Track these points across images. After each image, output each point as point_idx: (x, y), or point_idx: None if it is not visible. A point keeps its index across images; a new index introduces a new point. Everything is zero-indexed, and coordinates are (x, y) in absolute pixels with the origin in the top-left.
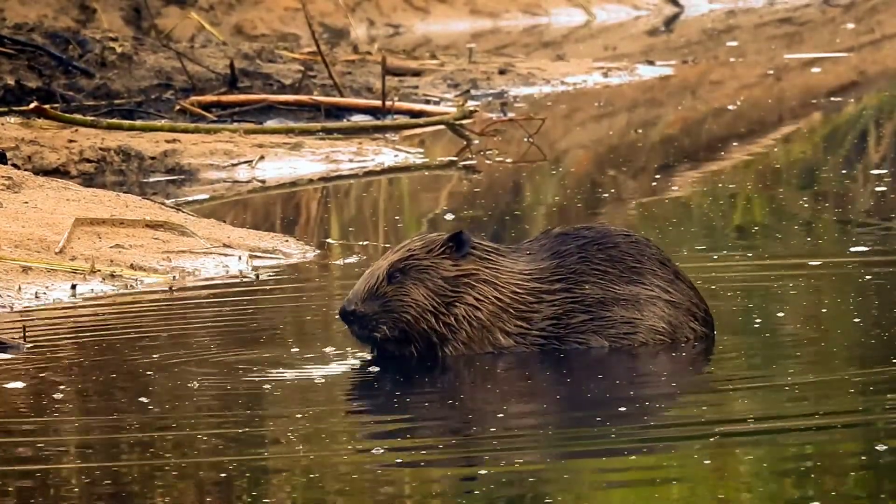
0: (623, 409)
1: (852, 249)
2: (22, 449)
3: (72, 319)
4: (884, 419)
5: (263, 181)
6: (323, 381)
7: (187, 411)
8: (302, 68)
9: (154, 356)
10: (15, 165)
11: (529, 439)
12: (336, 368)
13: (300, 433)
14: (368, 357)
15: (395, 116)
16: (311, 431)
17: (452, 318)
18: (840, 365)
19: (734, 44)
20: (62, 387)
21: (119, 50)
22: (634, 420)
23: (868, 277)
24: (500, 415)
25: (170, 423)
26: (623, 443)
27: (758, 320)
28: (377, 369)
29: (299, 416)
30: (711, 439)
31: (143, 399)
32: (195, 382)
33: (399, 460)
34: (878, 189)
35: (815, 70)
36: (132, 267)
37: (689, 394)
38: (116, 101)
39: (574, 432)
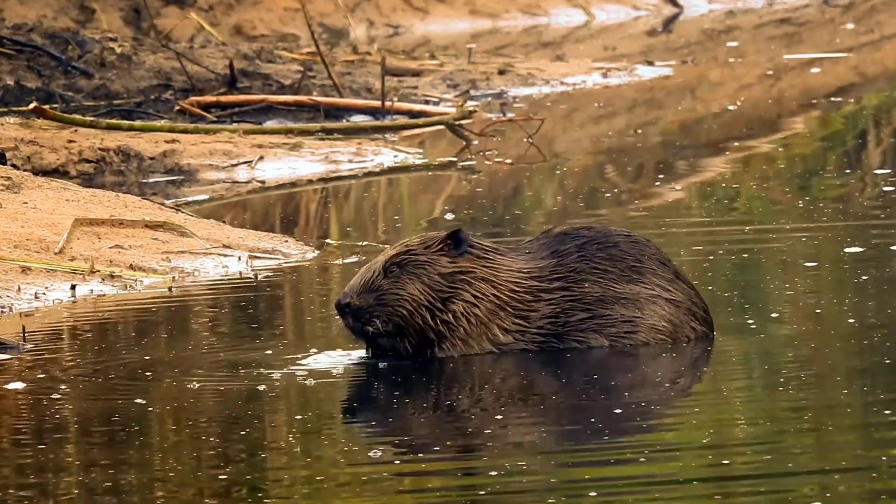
0: (619, 410)
1: (847, 250)
2: (21, 449)
3: (71, 319)
4: (882, 423)
5: (263, 181)
6: (321, 382)
7: (186, 412)
8: (301, 69)
9: (153, 357)
10: (14, 166)
11: (528, 445)
12: (335, 369)
13: (299, 434)
14: (367, 357)
15: (395, 117)
16: (310, 433)
17: (450, 315)
18: (836, 367)
19: (734, 44)
20: (62, 387)
21: (118, 50)
22: (633, 431)
23: (864, 278)
24: (499, 416)
25: (169, 423)
26: (622, 452)
27: (753, 322)
28: (376, 370)
29: (298, 416)
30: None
31: (141, 400)
32: (194, 383)
33: (397, 462)
34: (877, 189)
35: (815, 70)
36: (131, 267)
37: (689, 399)
38: (116, 102)
39: (572, 442)
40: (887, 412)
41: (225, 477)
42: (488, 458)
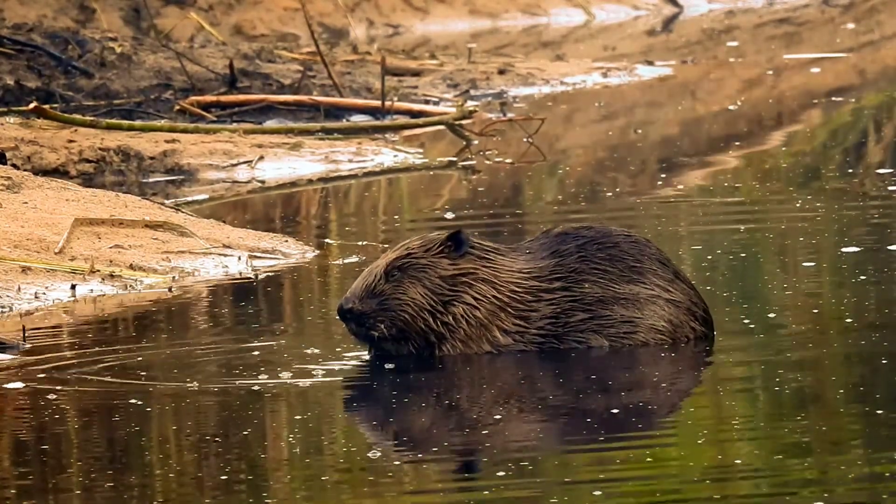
0: (615, 411)
1: (845, 249)
2: (20, 450)
3: (71, 319)
4: (882, 428)
5: (263, 181)
6: (321, 382)
7: (186, 412)
8: (301, 68)
9: (153, 357)
10: (14, 165)
11: (527, 444)
12: (334, 369)
13: (298, 435)
14: (367, 357)
15: (395, 116)
16: (310, 433)
17: (450, 317)
18: (834, 369)
19: (734, 44)
20: (61, 387)
21: (118, 50)
22: (632, 433)
23: (863, 277)
24: (498, 416)
25: (168, 423)
26: (621, 452)
27: (752, 322)
28: (375, 370)
29: (298, 417)
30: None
31: (140, 400)
32: (194, 383)
33: (397, 463)
34: (877, 189)
35: (815, 70)
36: (131, 267)
37: (689, 400)
38: (116, 102)
39: (572, 439)
40: (880, 412)
41: (225, 478)
42: (488, 460)
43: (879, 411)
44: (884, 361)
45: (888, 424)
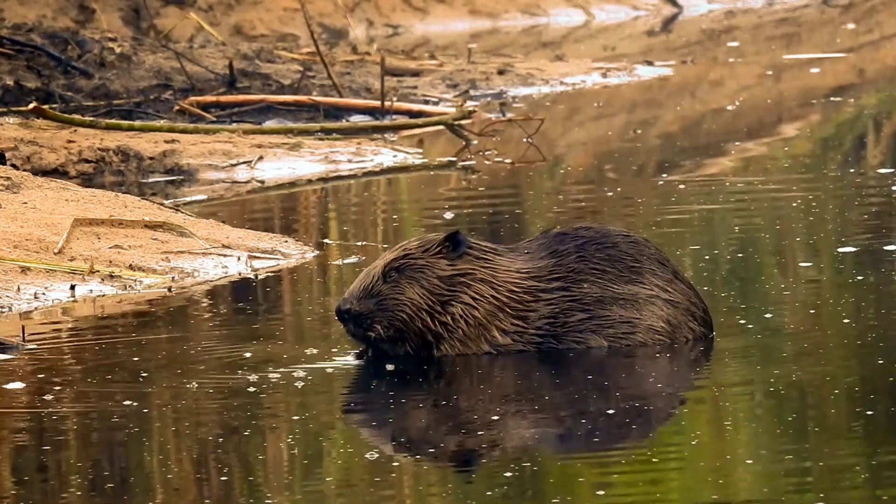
0: (611, 410)
1: (843, 250)
2: (20, 450)
3: (71, 319)
4: (880, 429)
5: (262, 181)
6: (320, 382)
7: (185, 412)
8: (301, 68)
9: (152, 357)
10: (14, 166)
11: (525, 443)
12: (334, 370)
13: (297, 435)
14: (366, 358)
15: (394, 117)
16: (309, 433)
17: (449, 317)
18: (832, 369)
19: (734, 44)
20: (60, 388)
21: (118, 50)
22: (629, 431)
23: (860, 278)
24: (496, 417)
25: (168, 424)
26: (619, 451)
27: (750, 322)
28: (373, 371)
29: (296, 417)
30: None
31: (140, 401)
32: (193, 383)
33: (395, 464)
34: (874, 189)
35: (815, 70)
36: (131, 267)
37: (688, 402)
38: (115, 102)
39: (569, 438)
40: (869, 414)
41: (224, 479)
42: (485, 459)
43: (876, 412)
44: (881, 362)
45: (887, 428)
